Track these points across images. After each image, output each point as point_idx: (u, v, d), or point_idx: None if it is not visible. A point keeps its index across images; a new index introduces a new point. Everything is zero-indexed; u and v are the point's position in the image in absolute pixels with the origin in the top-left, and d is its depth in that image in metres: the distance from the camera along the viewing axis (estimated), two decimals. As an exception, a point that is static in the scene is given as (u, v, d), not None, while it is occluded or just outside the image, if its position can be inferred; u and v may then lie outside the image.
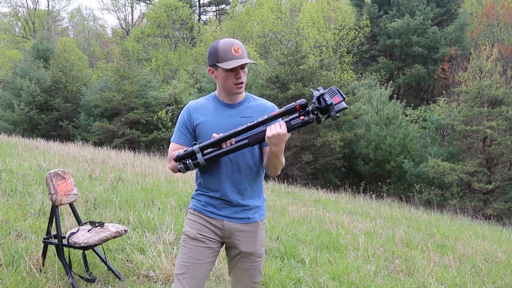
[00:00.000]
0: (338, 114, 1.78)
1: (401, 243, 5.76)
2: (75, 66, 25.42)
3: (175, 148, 2.03)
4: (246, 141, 1.84)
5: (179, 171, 1.92)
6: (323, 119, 1.82)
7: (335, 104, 1.77)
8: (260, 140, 1.84)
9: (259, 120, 1.83)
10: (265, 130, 1.82)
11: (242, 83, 1.95)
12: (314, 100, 1.79)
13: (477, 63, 14.97)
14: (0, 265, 2.93)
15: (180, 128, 2.05)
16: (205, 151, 1.89)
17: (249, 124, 1.83)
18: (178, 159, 1.90)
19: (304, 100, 1.80)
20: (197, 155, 1.87)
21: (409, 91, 25.94)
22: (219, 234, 2.03)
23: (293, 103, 1.81)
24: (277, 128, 1.78)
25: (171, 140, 2.09)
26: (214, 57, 1.94)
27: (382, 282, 3.81)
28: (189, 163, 1.88)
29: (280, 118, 1.87)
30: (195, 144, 1.90)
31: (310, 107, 1.80)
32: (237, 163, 1.97)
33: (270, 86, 15.58)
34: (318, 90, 1.80)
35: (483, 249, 6.18)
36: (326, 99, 1.76)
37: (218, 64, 1.92)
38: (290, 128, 1.80)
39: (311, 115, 1.79)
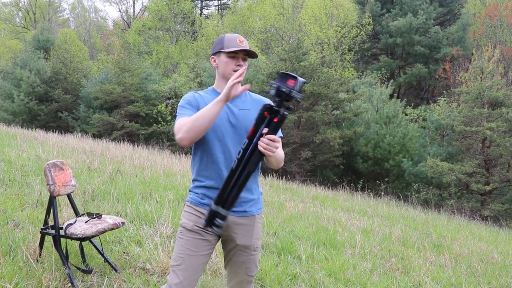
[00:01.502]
0: (300, 94, 1.74)
1: (397, 242, 5.78)
2: (75, 58, 25.33)
3: (183, 121, 1.91)
4: (247, 170, 1.79)
5: (214, 232, 1.87)
6: (291, 105, 1.77)
7: (292, 88, 1.72)
8: (258, 161, 1.79)
9: (245, 145, 1.79)
10: (257, 151, 1.76)
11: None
12: (274, 97, 1.75)
13: (478, 64, 14.95)
14: (-3, 254, 2.93)
15: (185, 106, 1.99)
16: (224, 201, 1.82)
17: (241, 153, 1.79)
18: (206, 225, 1.85)
19: (267, 103, 1.76)
20: (217, 209, 1.81)
21: (409, 90, 25.93)
22: (216, 227, 2.02)
23: (259, 111, 1.77)
24: (272, 146, 1.73)
25: (177, 119, 1.98)
26: (219, 45, 1.98)
27: (378, 280, 3.82)
28: (217, 220, 1.82)
29: (262, 127, 1.78)
30: (209, 205, 1.85)
31: (275, 105, 1.75)
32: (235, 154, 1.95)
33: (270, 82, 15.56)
34: (272, 87, 1.76)
35: (479, 249, 6.20)
36: (284, 89, 1.72)
37: (221, 50, 1.95)
38: (273, 133, 1.75)
39: (281, 111, 1.74)
